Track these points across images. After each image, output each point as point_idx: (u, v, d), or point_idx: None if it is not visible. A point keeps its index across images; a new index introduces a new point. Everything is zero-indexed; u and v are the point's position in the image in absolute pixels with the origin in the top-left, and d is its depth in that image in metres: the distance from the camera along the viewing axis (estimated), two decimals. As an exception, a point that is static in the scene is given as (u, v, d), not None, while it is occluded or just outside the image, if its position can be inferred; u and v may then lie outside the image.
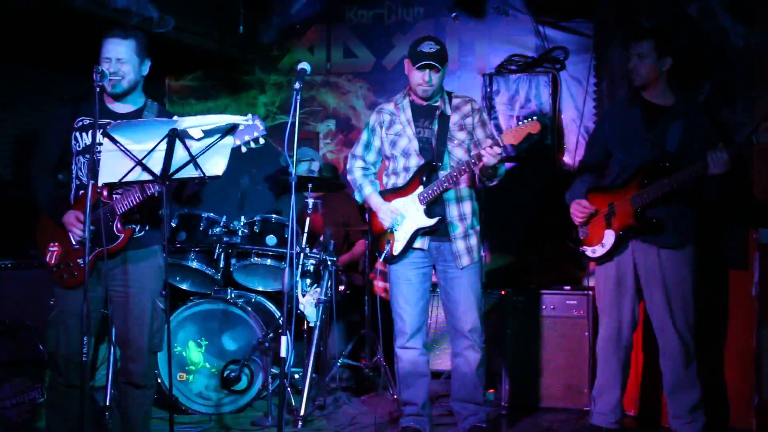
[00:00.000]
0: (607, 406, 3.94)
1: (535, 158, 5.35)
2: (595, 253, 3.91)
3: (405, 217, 3.86)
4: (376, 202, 3.95)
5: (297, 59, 5.86)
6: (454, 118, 3.87)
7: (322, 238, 4.78)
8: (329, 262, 4.70)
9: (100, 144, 3.19)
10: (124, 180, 3.09)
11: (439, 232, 3.86)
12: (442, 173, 3.80)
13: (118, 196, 3.33)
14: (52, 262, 3.38)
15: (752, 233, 4.00)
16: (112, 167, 3.06)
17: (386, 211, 3.88)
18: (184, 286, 4.99)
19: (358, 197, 4.08)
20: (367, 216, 5.41)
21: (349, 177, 4.10)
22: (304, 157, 5.32)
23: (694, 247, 3.82)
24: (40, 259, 3.44)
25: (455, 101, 3.92)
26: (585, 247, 3.96)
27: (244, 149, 3.21)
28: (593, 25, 5.37)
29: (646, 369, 4.33)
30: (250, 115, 3.16)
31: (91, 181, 3.11)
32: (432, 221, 3.82)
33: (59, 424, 3.44)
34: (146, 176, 3.10)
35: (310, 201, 4.64)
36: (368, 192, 4.00)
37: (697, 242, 3.83)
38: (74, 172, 3.41)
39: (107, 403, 4.09)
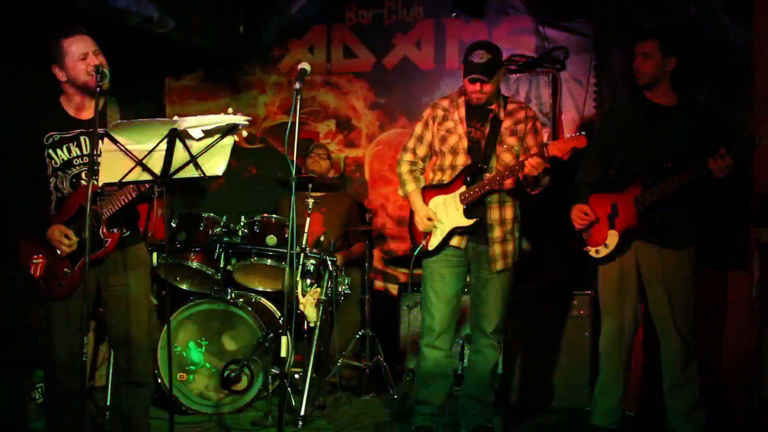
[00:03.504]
0: (607, 406, 3.94)
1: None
2: (599, 254, 3.91)
3: (442, 216, 3.87)
4: (416, 202, 3.95)
5: (297, 59, 5.86)
6: (507, 123, 3.86)
7: (322, 238, 4.78)
8: (329, 262, 4.70)
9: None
10: (124, 180, 3.08)
11: (478, 233, 3.86)
12: (486, 176, 3.80)
13: (101, 202, 3.30)
14: (38, 274, 3.34)
15: (752, 233, 4.00)
16: (112, 167, 3.05)
17: (423, 216, 3.89)
18: (184, 286, 4.99)
19: (400, 191, 4.08)
20: (368, 217, 5.46)
21: (397, 169, 4.09)
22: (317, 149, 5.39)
23: (695, 247, 3.82)
24: (26, 273, 3.37)
25: (510, 106, 3.90)
26: (588, 247, 3.96)
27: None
28: (593, 25, 5.37)
29: (646, 369, 4.33)
30: (231, 110, 3.14)
31: (92, 181, 3.10)
32: (469, 222, 3.82)
33: (59, 429, 3.43)
34: (146, 176, 3.09)
35: (310, 201, 4.64)
36: (410, 189, 3.99)
37: (698, 242, 3.83)
38: (52, 184, 3.35)
39: (107, 404, 4.09)
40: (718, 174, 3.54)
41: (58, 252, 3.32)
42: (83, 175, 3.34)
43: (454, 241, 3.89)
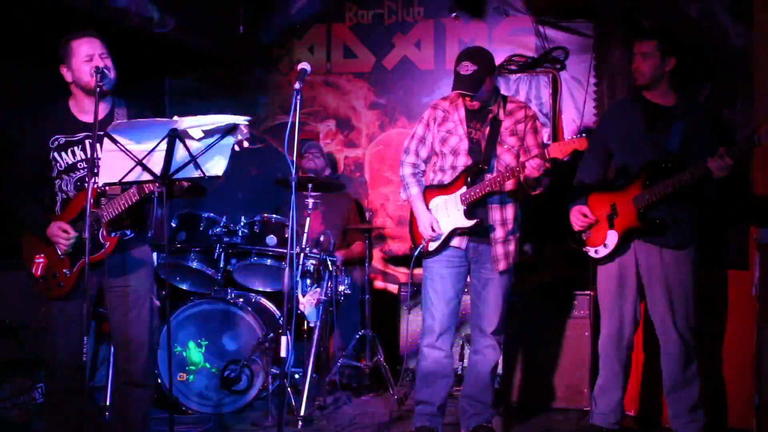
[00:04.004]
0: (607, 406, 3.94)
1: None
2: (598, 254, 3.91)
3: (443, 217, 3.86)
4: (418, 207, 3.93)
5: (297, 59, 5.86)
6: (507, 123, 3.85)
7: (322, 238, 4.78)
8: (329, 262, 4.70)
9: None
10: (124, 180, 3.08)
11: (479, 233, 3.84)
12: (487, 176, 3.79)
13: (103, 205, 3.31)
14: (38, 273, 3.36)
15: (752, 233, 4.00)
16: (112, 167, 3.06)
17: (427, 224, 3.87)
18: (184, 286, 4.99)
19: (403, 194, 4.07)
20: (367, 214, 5.46)
21: (399, 171, 4.07)
22: (311, 149, 5.40)
23: (695, 247, 3.82)
24: (27, 272, 3.39)
25: (510, 106, 3.89)
26: (588, 247, 3.96)
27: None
28: (593, 25, 5.37)
29: (646, 369, 4.33)
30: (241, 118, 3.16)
31: (92, 182, 3.10)
32: (470, 223, 3.81)
33: (59, 429, 3.43)
34: (146, 176, 3.09)
35: (310, 201, 4.64)
36: (414, 193, 3.97)
37: (698, 242, 3.83)
38: (57, 185, 3.38)
39: (107, 404, 4.09)
40: (718, 174, 3.54)
41: (58, 251, 3.33)
42: (88, 178, 3.35)
43: (455, 241, 3.89)
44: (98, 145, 3.22)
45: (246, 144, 3.18)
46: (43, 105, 3.48)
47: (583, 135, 3.56)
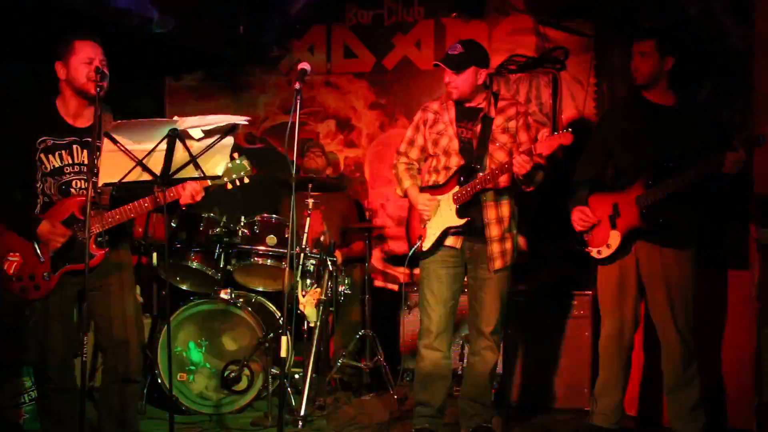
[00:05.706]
0: (608, 406, 3.93)
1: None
2: (601, 254, 3.90)
3: (437, 217, 3.86)
4: (414, 194, 3.95)
5: (297, 59, 5.86)
6: (498, 121, 3.84)
7: (322, 238, 4.78)
8: (329, 262, 4.70)
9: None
10: (124, 181, 3.08)
11: (475, 233, 3.84)
12: (479, 175, 3.78)
13: (96, 214, 3.29)
14: (11, 272, 3.30)
15: (752, 233, 4.00)
16: (112, 167, 3.05)
17: (424, 202, 3.87)
18: (184, 286, 4.99)
19: (399, 190, 4.08)
20: (367, 214, 5.46)
21: (393, 171, 4.10)
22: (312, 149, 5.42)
23: (696, 247, 3.82)
24: None
25: (501, 103, 3.88)
26: (590, 248, 3.95)
27: (230, 186, 3.25)
28: (593, 25, 5.37)
29: (646, 369, 4.33)
30: (237, 154, 3.18)
31: (92, 181, 3.10)
32: (461, 222, 3.81)
33: (55, 428, 3.42)
34: (146, 176, 3.09)
35: (310, 201, 4.64)
36: (407, 185, 3.99)
37: (699, 242, 3.83)
38: (39, 188, 3.35)
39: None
40: (729, 169, 3.54)
41: (38, 251, 3.29)
42: (74, 183, 3.35)
43: (450, 241, 3.88)
44: (86, 150, 3.27)
45: (247, 180, 3.21)
46: (31, 104, 3.46)
47: (568, 130, 3.54)
